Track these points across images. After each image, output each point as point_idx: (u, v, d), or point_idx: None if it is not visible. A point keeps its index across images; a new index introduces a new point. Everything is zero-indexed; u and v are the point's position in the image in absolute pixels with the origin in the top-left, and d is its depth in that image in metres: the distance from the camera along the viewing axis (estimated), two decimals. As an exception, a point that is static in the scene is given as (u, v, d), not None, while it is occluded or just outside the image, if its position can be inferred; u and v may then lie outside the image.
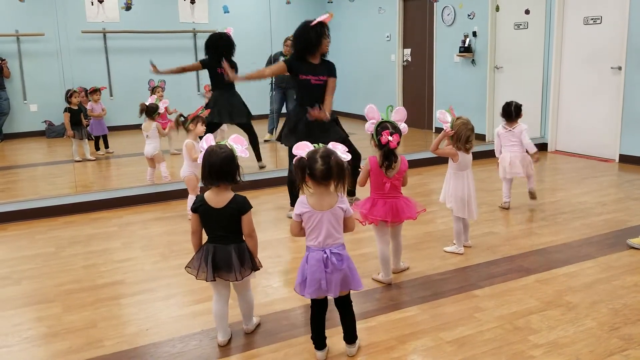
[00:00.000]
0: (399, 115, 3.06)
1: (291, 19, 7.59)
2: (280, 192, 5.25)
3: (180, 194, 4.96)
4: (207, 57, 5.70)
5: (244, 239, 2.50)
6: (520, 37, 7.18)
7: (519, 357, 2.42)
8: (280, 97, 7.55)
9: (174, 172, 5.33)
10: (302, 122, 4.24)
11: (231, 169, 2.43)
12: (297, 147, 2.36)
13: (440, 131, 3.55)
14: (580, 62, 6.71)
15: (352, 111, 5.47)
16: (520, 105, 4.54)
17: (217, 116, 5.59)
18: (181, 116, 4.50)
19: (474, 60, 7.51)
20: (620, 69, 6.20)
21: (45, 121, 8.06)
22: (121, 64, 8.35)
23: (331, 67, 4.36)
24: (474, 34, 7.44)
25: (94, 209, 4.86)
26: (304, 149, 2.35)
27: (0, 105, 7.83)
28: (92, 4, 7.93)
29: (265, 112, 7.29)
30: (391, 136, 2.88)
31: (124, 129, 7.91)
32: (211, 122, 5.51)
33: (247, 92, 5.91)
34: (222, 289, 2.55)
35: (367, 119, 3.05)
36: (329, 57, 4.39)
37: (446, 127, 3.49)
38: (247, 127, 5.85)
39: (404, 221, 3.15)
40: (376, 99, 8.46)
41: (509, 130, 4.52)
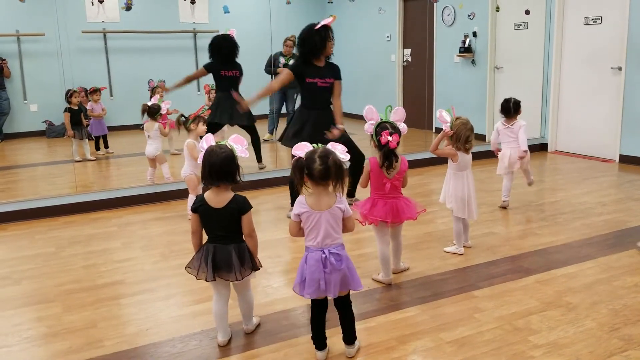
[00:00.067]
0: (397, 115, 3.06)
1: (291, 19, 7.62)
2: (280, 192, 5.26)
3: (180, 194, 4.96)
4: (211, 59, 5.72)
5: (244, 239, 2.50)
6: (520, 37, 7.18)
7: (518, 357, 2.42)
8: (280, 97, 7.56)
9: (174, 172, 5.33)
10: (309, 124, 4.25)
11: (231, 169, 2.43)
12: (297, 148, 2.36)
13: (440, 131, 3.55)
14: (580, 62, 6.71)
15: (352, 111, 5.45)
16: (519, 101, 4.55)
17: (218, 117, 5.63)
18: (182, 116, 4.51)
19: (474, 60, 7.50)
20: (620, 69, 6.20)
21: (45, 121, 8.06)
22: (121, 64, 8.35)
23: (336, 70, 4.38)
24: (474, 34, 7.44)
25: (94, 209, 4.87)
26: (302, 149, 2.35)
27: (0, 105, 7.83)
28: (93, 4, 7.92)
29: (265, 112, 7.29)
30: (390, 136, 2.89)
31: (124, 129, 7.92)
32: (212, 122, 5.53)
33: (248, 93, 5.90)
34: (222, 289, 2.55)
35: (366, 120, 3.06)
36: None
37: (445, 127, 3.50)
38: (250, 128, 5.87)
39: (404, 222, 3.15)
40: (376, 99, 8.47)
41: (508, 126, 4.54)
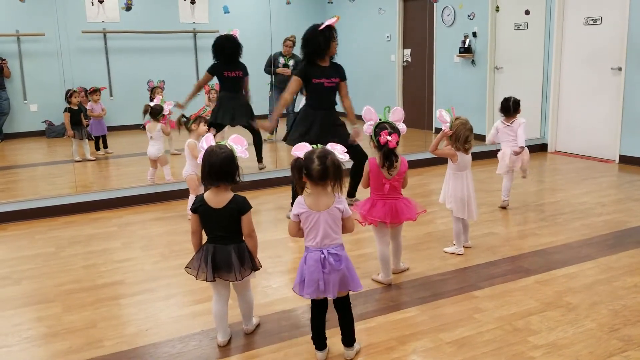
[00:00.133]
0: (396, 115, 3.06)
1: (291, 19, 7.63)
2: (280, 192, 5.26)
3: (180, 194, 4.96)
4: (214, 59, 5.72)
5: (243, 239, 2.50)
6: (520, 37, 7.18)
7: (518, 358, 2.42)
8: (279, 98, 7.55)
9: (174, 173, 5.33)
10: (316, 125, 4.25)
11: (231, 170, 2.43)
12: (296, 148, 2.36)
13: (439, 132, 3.55)
14: (580, 62, 6.71)
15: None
16: (518, 100, 4.55)
17: (219, 117, 5.64)
18: (183, 116, 4.51)
19: (474, 60, 7.51)
20: (620, 69, 6.20)
21: (45, 121, 8.07)
22: (121, 64, 8.36)
23: (341, 69, 4.41)
24: (474, 35, 7.44)
25: (94, 209, 4.87)
26: (302, 150, 2.35)
27: (0, 105, 7.84)
28: (93, 4, 7.93)
29: (265, 112, 7.29)
30: (389, 136, 2.89)
31: (124, 129, 7.92)
32: (214, 122, 5.53)
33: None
34: (222, 289, 2.55)
35: (364, 121, 3.06)
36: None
37: (445, 127, 3.50)
38: (252, 129, 5.87)
39: (403, 222, 3.15)
40: (376, 99, 8.48)
41: (508, 125, 4.54)
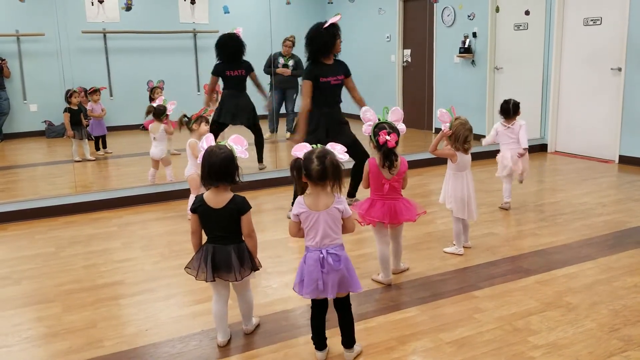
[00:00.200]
0: (395, 115, 3.06)
1: (291, 19, 7.64)
2: (280, 192, 5.26)
3: (180, 194, 4.96)
4: (217, 58, 5.72)
5: (243, 239, 2.50)
6: (520, 38, 7.18)
7: (518, 358, 2.42)
8: (279, 97, 7.57)
9: (174, 173, 5.32)
10: (323, 124, 4.25)
11: (230, 170, 2.43)
12: (296, 148, 2.36)
13: (439, 132, 3.55)
14: (580, 63, 6.71)
15: (352, 112, 5.44)
16: (518, 102, 4.55)
17: (221, 116, 5.64)
18: (184, 116, 4.50)
19: (474, 61, 7.51)
20: (620, 69, 6.20)
21: (45, 121, 8.06)
22: (121, 64, 8.36)
23: (345, 66, 4.43)
24: (474, 35, 7.44)
25: (94, 209, 4.87)
26: (301, 150, 2.35)
27: (0, 105, 7.84)
28: (92, 4, 7.93)
29: (265, 112, 7.29)
30: (388, 135, 2.89)
31: (123, 129, 7.92)
32: (216, 121, 5.53)
33: (248, 93, 5.91)
34: (221, 290, 2.55)
35: (363, 122, 3.06)
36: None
37: (445, 127, 3.50)
38: (254, 129, 5.86)
39: (402, 223, 3.15)
40: (376, 99, 8.46)
41: (508, 127, 4.54)
